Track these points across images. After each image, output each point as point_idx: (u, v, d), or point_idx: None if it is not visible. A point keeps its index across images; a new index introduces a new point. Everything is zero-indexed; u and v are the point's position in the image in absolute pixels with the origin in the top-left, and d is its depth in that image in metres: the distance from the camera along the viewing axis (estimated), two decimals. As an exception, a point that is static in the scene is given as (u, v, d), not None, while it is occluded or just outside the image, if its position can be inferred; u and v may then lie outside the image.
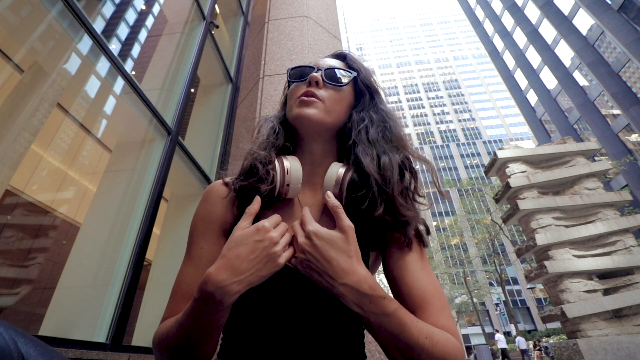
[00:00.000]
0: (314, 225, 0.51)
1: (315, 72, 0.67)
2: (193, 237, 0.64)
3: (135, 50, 3.04)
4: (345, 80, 0.69)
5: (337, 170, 0.62)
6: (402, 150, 0.67)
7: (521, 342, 15.25)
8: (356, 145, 0.65)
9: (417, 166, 0.71)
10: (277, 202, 0.64)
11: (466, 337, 40.80)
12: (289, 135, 0.72)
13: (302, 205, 0.67)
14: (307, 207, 0.63)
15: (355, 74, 0.71)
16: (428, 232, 0.66)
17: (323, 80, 0.67)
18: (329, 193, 0.55)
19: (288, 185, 0.61)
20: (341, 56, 0.77)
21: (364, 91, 0.72)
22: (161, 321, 0.59)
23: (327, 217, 0.65)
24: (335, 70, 0.69)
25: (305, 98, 0.65)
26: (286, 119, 0.73)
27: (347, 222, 0.51)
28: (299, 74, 0.70)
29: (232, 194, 0.65)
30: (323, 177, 0.68)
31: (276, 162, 0.63)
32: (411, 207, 0.63)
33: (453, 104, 69.12)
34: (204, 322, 0.49)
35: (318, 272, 0.49)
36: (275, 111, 0.81)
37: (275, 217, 0.54)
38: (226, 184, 0.67)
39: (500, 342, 14.96)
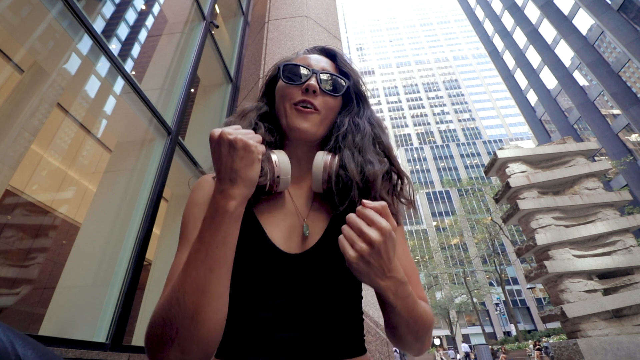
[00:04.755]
0: (386, 223, 0.50)
1: (311, 78, 0.67)
2: (188, 224, 0.63)
3: (135, 50, 3.04)
4: (341, 90, 0.70)
5: (323, 157, 0.64)
6: (388, 159, 0.70)
7: (464, 347, 18.42)
8: (342, 148, 0.67)
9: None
10: (268, 195, 0.65)
11: (466, 337, 40.79)
12: (271, 128, 0.72)
13: (292, 198, 0.69)
14: (299, 198, 0.68)
15: (349, 82, 0.72)
16: (411, 206, 0.71)
17: (320, 88, 0.67)
18: (365, 201, 0.52)
19: (278, 177, 0.61)
20: (331, 55, 0.76)
21: (352, 97, 0.74)
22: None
23: (317, 207, 0.68)
24: (332, 78, 0.69)
25: (302, 109, 0.66)
26: (269, 112, 0.74)
27: (393, 222, 0.51)
28: (292, 75, 0.69)
29: None
30: (309, 171, 0.71)
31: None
32: (397, 206, 0.68)
33: (453, 104, 69.11)
34: (215, 239, 0.49)
35: (377, 266, 0.49)
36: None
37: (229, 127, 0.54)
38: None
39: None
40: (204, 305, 0.47)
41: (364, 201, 0.52)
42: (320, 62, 0.72)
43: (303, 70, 0.69)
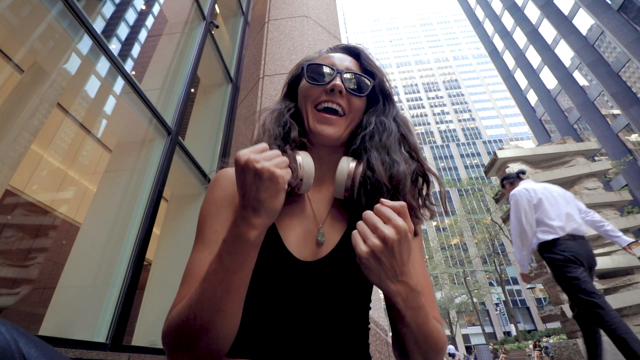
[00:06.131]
0: (403, 223, 0.48)
1: (336, 78, 0.65)
2: (206, 222, 0.62)
3: (135, 50, 3.04)
4: (366, 89, 0.68)
5: (349, 164, 0.62)
6: (416, 159, 0.67)
7: (450, 348, 19.91)
8: (368, 148, 0.65)
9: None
10: (288, 196, 0.63)
11: (466, 337, 40.78)
12: (301, 130, 0.70)
13: (311, 202, 0.67)
14: (317, 201, 0.66)
15: (374, 82, 0.70)
16: (432, 217, 0.68)
17: (345, 88, 0.65)
18: (384, 200, 0.51)
19: (301, 180, 0.60)
20: (355, 53, 0.74)
21: (378, 96, 0.72)
22: (171, 309, 0.55)
23: (334, 213, 0.66)
24: (357, 78, 0.68)
25: (328, 115, 0.65)
26: (296, 111, 0.72)
27: (411, 225, 0.50)
28: (317, 74, 0.67)
29: None
30: (330, 172, 0.69)
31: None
32: (420, 213, 0.65)
33: (453, 104, 69.11)
34: (233, 264, 0.48)
35: (388, 266, 0.47)
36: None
37: (253, 147, 0.50)
38: None
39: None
40: (218, 323, 0.49)
41: (382, 199, 0.51)
42: (345, 61, 0.70)
43: (327, 70, 0.67)
